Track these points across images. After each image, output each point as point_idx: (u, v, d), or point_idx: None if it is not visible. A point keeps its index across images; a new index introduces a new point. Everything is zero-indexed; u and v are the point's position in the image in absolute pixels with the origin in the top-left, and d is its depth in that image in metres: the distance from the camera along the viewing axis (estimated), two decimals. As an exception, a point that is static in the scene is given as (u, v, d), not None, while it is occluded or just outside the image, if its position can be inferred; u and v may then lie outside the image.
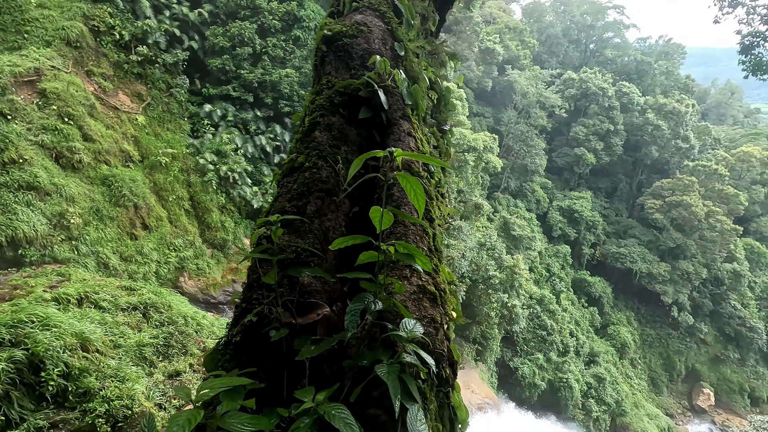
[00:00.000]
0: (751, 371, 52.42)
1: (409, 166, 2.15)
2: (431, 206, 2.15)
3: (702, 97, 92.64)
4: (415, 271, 1.80)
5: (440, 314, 1.74)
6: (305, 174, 1.96)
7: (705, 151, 63.48)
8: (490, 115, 64.12)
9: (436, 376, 1.71)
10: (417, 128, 2.38)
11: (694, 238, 52.79)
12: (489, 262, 40.23)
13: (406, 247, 1.55)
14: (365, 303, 1.49)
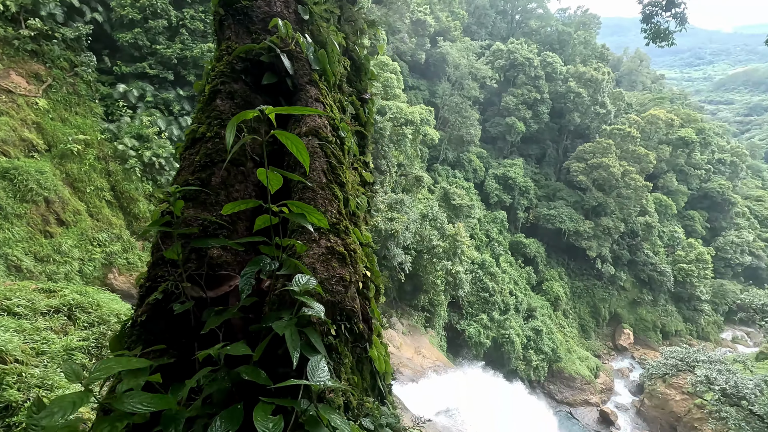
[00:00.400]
0: (662, 310, 59.61)
1: (317, 131, 2.13)
2: (340, 171, 2.16)
3: (616, 65, 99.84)
4: (323, 234, 1.82)
5: (350, 273, 1.78)
6: (208, 145, 1.87)
7: (620, 116, 69.01)
8: (425, 87, 64.73)
9: (349, 332, 1.78)
10: (326, 94, 2.35)
11: (613, 196, 57.92)
12: (432, 232, 41.54)
13: (300, 206, 1.55)
14: (260, 265, 1.49)
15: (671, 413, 43.23)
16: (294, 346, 1.31)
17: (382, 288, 2.94)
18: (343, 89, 3.03)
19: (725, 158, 76.68)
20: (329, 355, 1.66)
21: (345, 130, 2.33)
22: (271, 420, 1.20)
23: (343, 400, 1.70)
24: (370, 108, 3.45)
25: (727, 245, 67.43)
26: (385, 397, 2.24)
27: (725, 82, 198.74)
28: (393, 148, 42.26)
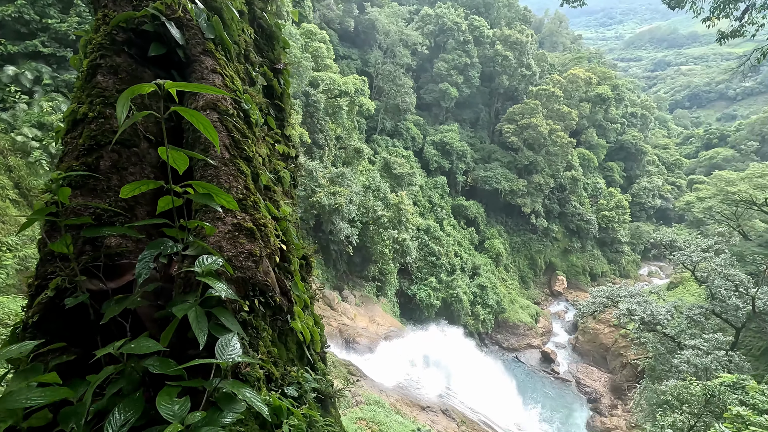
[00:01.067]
0: (590, 255, 65.46)
1: (215, 105, 2.01)
2: (246, 145, 2.07)
3: (538, 27, 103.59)
4: (229, 211, 1.76)
5: (260, 248, 1.76)
6: (91, 126, 1.70)
7: (544, 77, 72.31)
8: (357, 57, 63.32)
9: (266, 306, 1.77)
10: (225, 65, 2.21)
11: (542, 154, 61.43)
12: (376, 203, 41.85)
13: (206, 187, 1.49)
14: (160, 248, 1.43)
15: (601, 345, 48.45)
16: (200, 327, 1.28)
17: (313, 261, 2.95)
18: (251, 59, 2.86)
19: (637, 112, 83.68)
20: (245, 330, 1.66)
21: (249, 102, 2.22)
22: (176, 402, 1.18)
23: (264, 372, 1.71)
24: (285, 79, 3.31)
25: (641, 191, 74.75)
26: (315, 365, 2.29)
27: (634, 40, 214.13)
28: (329, 121, 41.39)
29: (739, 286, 31.48)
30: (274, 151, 2.80)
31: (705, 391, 17.78)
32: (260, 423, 1.48)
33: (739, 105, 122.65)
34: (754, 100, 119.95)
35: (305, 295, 2.37)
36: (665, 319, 33.44)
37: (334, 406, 2.47)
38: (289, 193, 3.00)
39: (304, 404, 1.75)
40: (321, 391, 2.16)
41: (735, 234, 41.36)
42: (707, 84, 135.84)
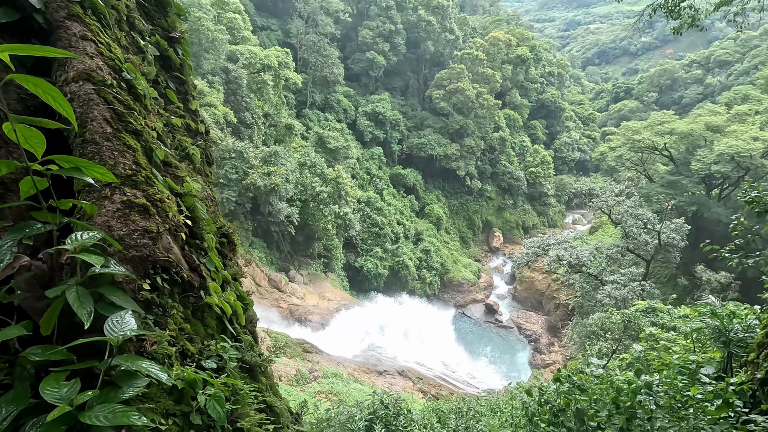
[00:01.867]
0: (521, 210, 69.82)
1: (89, 75, 1.82)
2: (132, 118, 1.92)
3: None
4: (116, 189, 1.65)
5: (157, 224, 1.68)
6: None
7: (467, 41, 73.61)
8: (277, 27, 60.08)
9: (172, 283, 1.72)
10: (99, 31, 1.99)
11: (471, 117, 63.34)
12: (313, 179, 41.11)
13: (72, 161, 1.37)
14: (25, 231, 1.32)
15: (537, 291, 52.70)
16: (83, 306, 1.21)
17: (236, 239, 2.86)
18: (138, 27, 2.60)
19: (554, 71, 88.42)
20: (149, 309, 1.59)
21: (132, 72, 2.03)
22: (65, 386, 1.12)
23: (178, 349, 1.67)
24: (184, 48, 3.06)
25: (562, 146, 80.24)
26: (240, 337, 2.28)
27: (547, 1, 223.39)
28: (255, 98, 39.37)
29: (647, 223, 35.41)
30: (177, 126, 2.61)
31: (623, 318, 20.15)
32: (175, 399, 1.45)
33: (640, 59, 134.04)
34: (652, 54, 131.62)
35: (225, 272, 2.31)
36: (589, 260, 36.95)
37: (264, 375, 2.49)
38: (202, 170, 2.84)
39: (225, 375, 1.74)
40: (247, 361, 2.16)
41: (642, 178, 46.14)
42: (612, 41, 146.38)
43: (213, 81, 34.74)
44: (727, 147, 36.40)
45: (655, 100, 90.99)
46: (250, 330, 2.57)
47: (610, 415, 4.53)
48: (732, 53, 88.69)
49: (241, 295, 2.50)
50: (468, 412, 5.61)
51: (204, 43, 33.22)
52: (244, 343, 2.29)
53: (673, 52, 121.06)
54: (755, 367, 6.11)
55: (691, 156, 40.49)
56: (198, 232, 2.13)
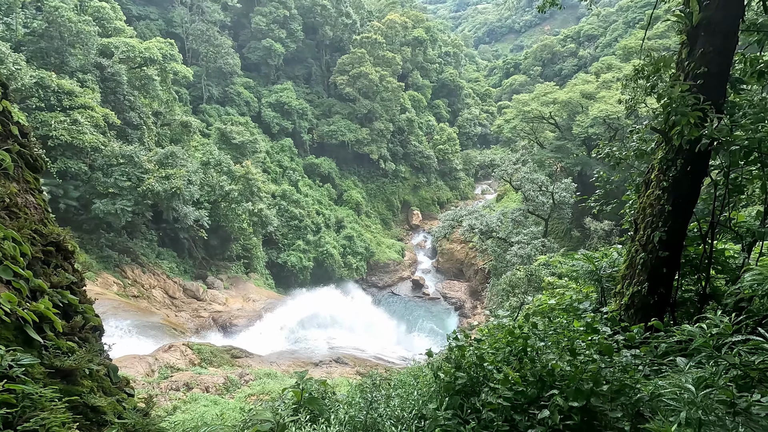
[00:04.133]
0: (435, 187, 73.00)
1: None
2: None
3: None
4: None
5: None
6: None
7: (365, 24, 73.75)
8: (156, 16, 54.71)
9: None
10: None
11: (377, 101, 64.12)
12: (220, 178, 38.83)
13: None
14: None
15: (457, 261, 56.02)
16: None
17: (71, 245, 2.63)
18: None
19: (450, 51, 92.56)
20: None
21: None
22: None
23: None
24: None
25: (465, 122, 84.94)
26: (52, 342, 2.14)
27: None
28: (140, 96, 35.68)
29: (542, 186, 39.20)
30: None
31: (527, 273, 22.35)
32: None
33: (524, 36, 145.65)
34: (533, 31, 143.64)
35: (38, 281, 2.12)
36: (497, 226, 40.05)
37: (90, 377, 2.38)
38: (18, 177, 2.53)
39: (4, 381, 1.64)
40: (61, 367, 2.05)
41: (535, 145, 50.73)
42: (499, 20, 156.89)
43: (85, 79, 30.73)
44: (599, 111, 41.39)
45: (539, 73, 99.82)
46: (79, 336, 2.41)
47: (505, 357, 5.06)
48: (596, 28, 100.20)
49: (69, 302, 2.32)
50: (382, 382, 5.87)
51: (67, 37, 29.13)
52: (63, 349, 2.15)
53: (550, 29, 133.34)
54: (620, 297, 7.18)
55: (572, 122, 45.37)
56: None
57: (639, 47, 49.56)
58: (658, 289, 6.12)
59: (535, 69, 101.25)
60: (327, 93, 68.78)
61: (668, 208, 5.63)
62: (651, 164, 6.22)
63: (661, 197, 5.73)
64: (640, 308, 6.38)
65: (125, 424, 2.29)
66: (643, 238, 6.39)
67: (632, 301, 6.53)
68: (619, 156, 6.90)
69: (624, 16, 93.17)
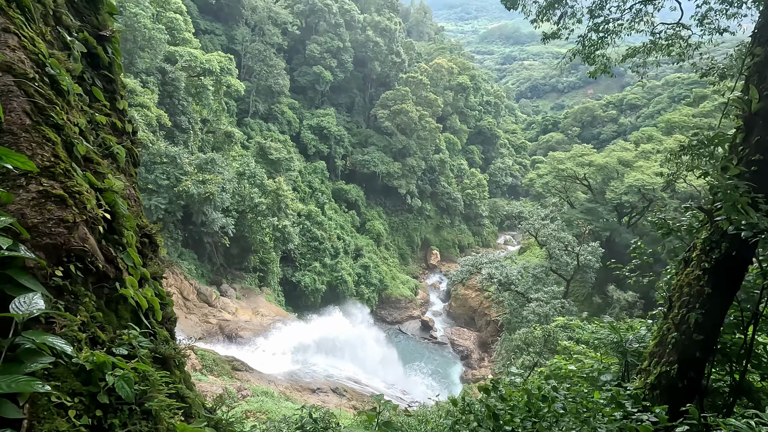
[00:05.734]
0: (458, 230, 72.70)
1: (10, 67, 1.81)
2: (54, 112, 1.93)
3: (405, 16, 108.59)
4: (33, 179, 1.67)
5: (74, 214, 1.71)
6: None
7: (413, 64, 76.55)
8: (221, 32, 58.44)
9: (86, 272, 1.75)
10: (23, 25, 1.99)
11: (414, 138, 65.46)
12: (252, 190, 39.93)
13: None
14: None
15: (470, 308, 54.76)
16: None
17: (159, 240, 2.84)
18: (65, 23, 2.56)
19: (491, 100, 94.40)
20: (60, 296, 1.60)
21: (56, 67, 2.04)
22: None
23: (88, 335, 1.68)
24: (114, 48, 3.03)
25: (496, 171, 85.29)
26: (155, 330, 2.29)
27: (487, 35, 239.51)
28: (193, 102, 37.73)
29: (568, 246, 38.49)
30: (102, 124, 2.57)
31: (544, 333, 21.64)
32: (82, 380, 1.47)
33: (566, 96, 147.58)
34: (576, 93, 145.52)
35: (144, 269, 2.31)
36: (517, 279, 39.25)
37: (178, 368, 2.50)
38: (126, 170, 2.80)
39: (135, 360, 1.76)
40: (161, 353, 2.18)
41: (564, 204, 50.27)
42: (543, 78, 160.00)
43: (147, 81, 32.85)
44: (635, 180, 40.93)
45: (577, 134, 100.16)
46: (167, 327, 2.56)
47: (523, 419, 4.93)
48: (640, 98, 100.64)
49: (159, 293, 2.50)
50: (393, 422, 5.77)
51: (140, 41, 31.45)
52: (160, 336, 2.30)
53: (593, 93, 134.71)
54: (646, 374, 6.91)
55: (606, 186, 44.93)
56: (117, 228, 2.13)
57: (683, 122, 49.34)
58: (689, 373, 5.87)
59: (574, 129, 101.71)
60: (366, 124, 70.77)
61: (708, 290, 5.50)
62: (693, 242, 6.13)
63: (701, 278, 5.61)
64: (666, 390, 6.12)
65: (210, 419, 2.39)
66: (677, 318, 6.20)
67: (659, 381, 6.27)
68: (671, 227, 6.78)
69: (670, 90, 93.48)
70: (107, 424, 1.48)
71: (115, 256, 1.95)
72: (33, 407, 1.24)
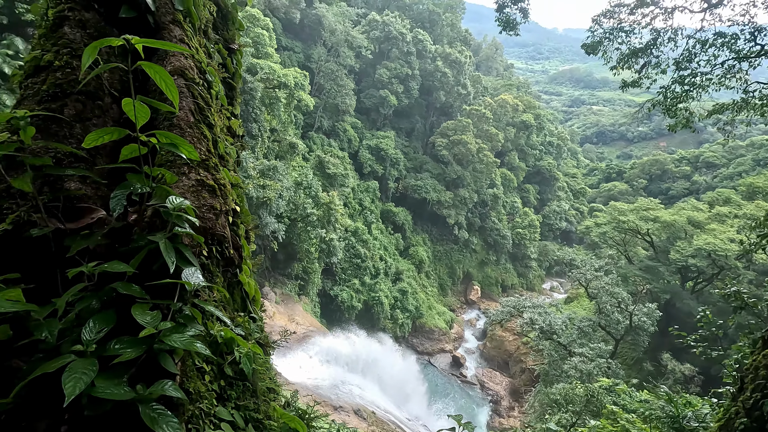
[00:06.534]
0: (503, 268, 70.51)
1: (183, 71, 2.12)
2: (209, 113, 2.21)
3: (476, 50, 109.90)
4: (192, 168, 1.91)
5: (220, 204, 1.93)
6: (57, 74, 1.73)
7: (477, 97, 76.91)
8: (300, 50, 62.16)
9: (221, 256, 1.94)
10: (191, 37, 2.31)
11: (469, 170, 65.14)
12: (306, 200, 41.35)
13: (168, 136, 1.63)
14: (131, 188, 1.55)
15: (505, 351, 52.34)
16: (169, 256, 1.44)
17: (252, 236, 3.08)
18: (209, 36, 2.94)
19: (553, 141, 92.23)
20: (202, 272, 1.80)
21: (212, 74, 2.35)
22: (149, 314, 1.33)
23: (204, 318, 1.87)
24: (238, 59, 3.41)
25: (551, 213, 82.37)
26: (255, 316, 2.47)
27: (556, 76, 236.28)
28: (265, 112, 40.16)
29: (621, 303, 36.05)
30: (224, 126, 2.90)
31: (587, 392, 20.18)
32: (212, 351, 1.63)
33: (635, 146, 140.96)
34: (646, 144, 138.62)
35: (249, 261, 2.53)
36: (560, 329, 37.18)
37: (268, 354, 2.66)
38: (234, 170, 3.10)
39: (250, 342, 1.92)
40: (259, 339, 2.34)
41: (622, 258, 47.35)
42: (612, 125, 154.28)
43: (229, 88, 35.52)
44: (705, 243, 37.86)
45: (644, 186, 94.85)
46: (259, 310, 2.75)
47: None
48: (719, 157, 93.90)
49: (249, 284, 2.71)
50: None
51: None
52: (259, 322, 2.48)
53: (666, 146, 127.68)
54: (706, 457, 6.28)
55: (670, 245, 41.90)
56: (239, 221, 2.37)
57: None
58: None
59: (640, 181, 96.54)
60: (423, 150, 71.49)
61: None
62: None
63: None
64: (731, 480, 5.55)
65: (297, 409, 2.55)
66: (748, 402, 5.65)
67: (723, 468, 5.71)
68: (747, 302, 6.28)
69: (755, 153, 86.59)
70: (226, 394, 1.63)
71: (240, 245, 2.17)
72: (183, 366, 1.41)
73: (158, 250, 1.43)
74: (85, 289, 1.41)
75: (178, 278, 1.45)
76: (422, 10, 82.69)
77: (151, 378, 1.26)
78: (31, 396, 1.23)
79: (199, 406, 1.45)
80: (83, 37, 1.82)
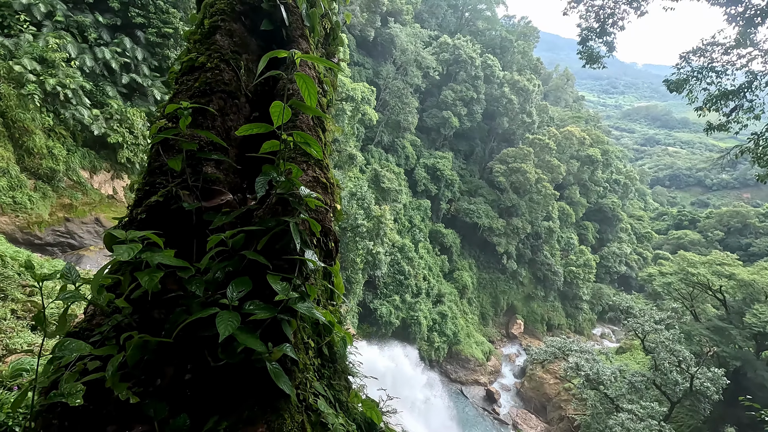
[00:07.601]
0: (550, 305, 67.16)
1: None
2: (324, 119, 2.44)
3: (546, 80, 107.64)
4: (310, 166, 2.12)
5: (329, 200, 2.11)
6: (207, 74, 2.03)
7: (542, 127, 75.01)
8: (370, 66, 64.29)
9: (324, 246, 2.12)
10: (313, 50, 2.58)
11: (525, 199, 63.29)
12: (358, 211, 42.15)
13: (303, 136, 1.84)
14: (271, 176, 1.77)
15: (544, 394, 49.44)
16: (296, 236, 1.63)
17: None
18: (319, 50, 3.24)
19: (620, 179, 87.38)
20: None
21: (327, 84, 2.60)
22: (280, 284, 1.53)
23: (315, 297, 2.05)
24: (336, 72, 3.69)
25: (610, 255, 77.56)
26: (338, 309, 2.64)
27: (630, 112, 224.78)
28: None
29: (682, 362, 32.96)
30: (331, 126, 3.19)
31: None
32: (314, 330, 1.80)
33: (713, 194, 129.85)
34: (727, 193, 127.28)
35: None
36: (609, 380, 34.60)
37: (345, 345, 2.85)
38: (328, 165, 3.38)
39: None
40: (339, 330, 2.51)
41: (687, 313, 43.42)
42: (689, 168, 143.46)
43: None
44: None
45: (720, 239, 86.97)
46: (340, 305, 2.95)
47: None
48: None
49: None
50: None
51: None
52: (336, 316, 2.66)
53: (750, 198, 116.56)
54: None
55: (747, 308, 37.91)
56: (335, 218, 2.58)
57: None
58: None
59: (716, 233, 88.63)
60: (480, 174, 70.57)
61: None
62: None
63: None
64: None
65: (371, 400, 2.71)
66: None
67: None
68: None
69: None
70: (320, 372, 1.79)
71: (339, 239, 2.36)
72: (294, 338, 1.58)
73: (282, 232, 1.62)
74: (219, 254, 1.63)
75: (301, 257, 1.64)
76: (494, 36, 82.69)
77: (272, 340, 1.44)
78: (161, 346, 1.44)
79: (306, 375, 1.61)
80: (230, 45, 2.12)
